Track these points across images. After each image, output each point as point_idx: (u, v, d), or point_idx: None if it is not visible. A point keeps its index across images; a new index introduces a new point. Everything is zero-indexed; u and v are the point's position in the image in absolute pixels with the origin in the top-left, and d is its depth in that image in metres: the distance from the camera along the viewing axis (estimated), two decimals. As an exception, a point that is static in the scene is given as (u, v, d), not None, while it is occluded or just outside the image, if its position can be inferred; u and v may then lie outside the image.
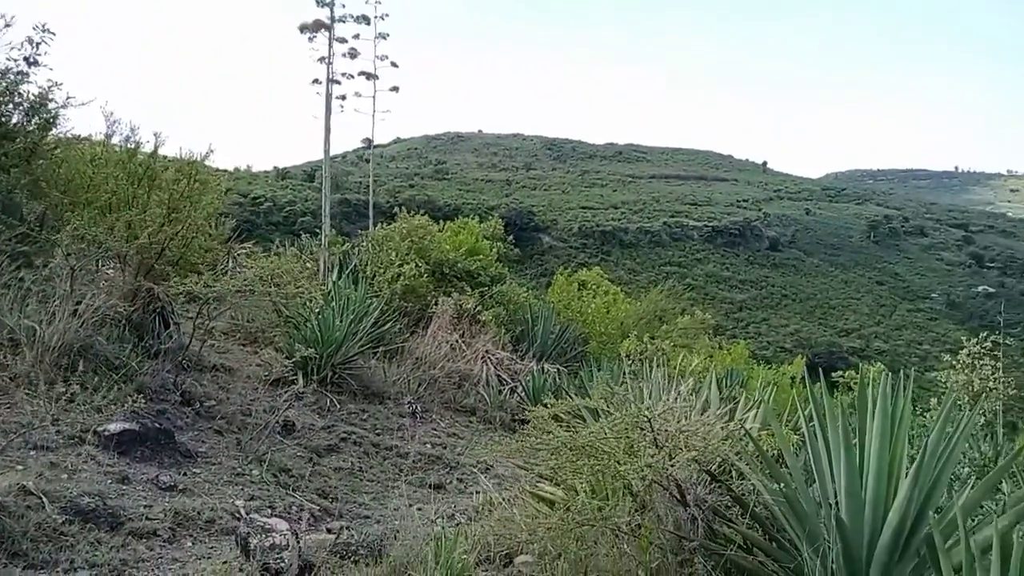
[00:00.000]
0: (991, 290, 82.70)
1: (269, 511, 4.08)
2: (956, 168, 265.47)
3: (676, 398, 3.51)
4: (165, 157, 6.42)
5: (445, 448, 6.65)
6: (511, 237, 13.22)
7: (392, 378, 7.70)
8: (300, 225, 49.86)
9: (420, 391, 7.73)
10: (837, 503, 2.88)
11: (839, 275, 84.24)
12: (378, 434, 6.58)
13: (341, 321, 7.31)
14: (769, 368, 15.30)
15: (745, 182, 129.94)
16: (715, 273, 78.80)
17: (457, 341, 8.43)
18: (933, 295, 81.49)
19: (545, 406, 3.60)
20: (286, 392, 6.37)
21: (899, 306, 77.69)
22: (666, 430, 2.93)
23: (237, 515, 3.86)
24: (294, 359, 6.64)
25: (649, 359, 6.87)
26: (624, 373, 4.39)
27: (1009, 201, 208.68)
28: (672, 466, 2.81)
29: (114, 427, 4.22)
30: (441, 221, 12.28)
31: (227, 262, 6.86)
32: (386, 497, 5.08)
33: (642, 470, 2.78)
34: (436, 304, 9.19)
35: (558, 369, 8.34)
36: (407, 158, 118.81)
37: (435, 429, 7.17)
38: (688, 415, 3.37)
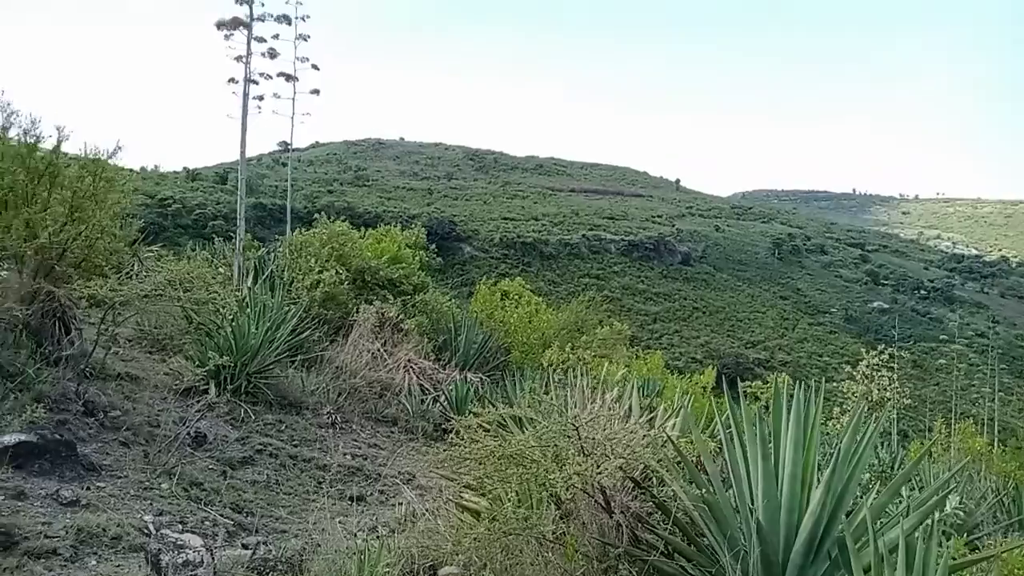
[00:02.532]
0: (885, 306, 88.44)
1: (180, 527, 3.87)
2: (854, 191, 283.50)
3: (602, 406, 3.57)
4: (67, 154, 6.03)
5: (366, 459, 6.51)
6: (433, 246, 13.14)
7: (311, 388, 7.48)
8: (211, 229, 47.97)
9: (340, 401, 7.54)
10: (754, 508, 2.99)
11: (746, 289, 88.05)
12: (296, 445, 6.37)
13: (257, 328, 7.05)
14: (682, 378, 15.78)
15: (660, 198, 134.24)
16: (631, 286, 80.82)
17: (379, 350, 8.29)
18: (832, 310, 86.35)
19: (475, 415, 3.59)
20: (197, 402, 6.09)
21: (801, 320, 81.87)
22: (593, 438, 2.97)
23: (146, 531, 3.65)
24: (206, 368, 6.36)
25: (571, 368, 6.97)
26: (549, 382, 4.43)
27: (901, 223, 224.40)
28: (599, 474, 2.85)
29: (9, 439, 3.92)
30: (361, 228, 12.06)
31: (133, 265, 6.50)
32: (305, 511, 4.92)
33: (570, 478, 2.81)
34: (357, 312, 9.00)
35: (481, 378, 8.33)
36: (326, 163, 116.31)
37: (356, 440, 7.01)
38: (613, 423, 3.44)
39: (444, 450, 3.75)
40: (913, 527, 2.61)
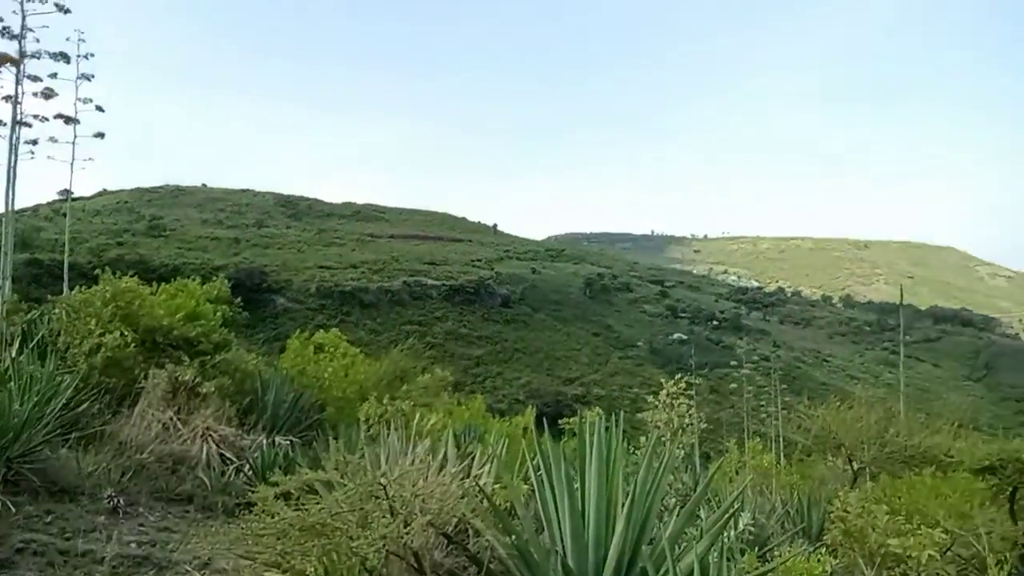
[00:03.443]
0: (684, 337, 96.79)
1: None
2: (652, 232, 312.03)
3: (414, 460, 3.43)
4: None
5: (155, 546, 5.75)
6: (239, 299, 12.26)
7: (88, 469, 6.52)
8: (-30, 290, 41.45)
9: (124, 481, 6.65)
10: (563, 547, 3.00)
11: (562, 329, 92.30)
12: (68, 538, 5.48)
13: (21, 405, 6.09)
14: (504, 420, 15.98)
15: (478, 243, 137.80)
16: (454, 330, 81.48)
17: (172, 419, 7.46)
18: (639, 343, 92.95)
19: (273, 484, 3.29)
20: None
21: (612, 354, 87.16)
22: (402, 496, 2.83)
23: None
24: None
25: (388, 421, 6.73)
26: (361, 439, 4.21)
27: (694, 260, 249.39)
28: (407, 533, 2.71)
29: None
30: (157, 283, 11.01)
31: None
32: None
33: (376, 542, 2.63)
34: (147, 378, 8.08)
35: (291, 441, 7.77)
36: (116, 212, 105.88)
37: (142, 525, 6.18)
38: (426, 476, 3.32)
39: (240, 527, 3.38)
40: (706, 549, 2.74)
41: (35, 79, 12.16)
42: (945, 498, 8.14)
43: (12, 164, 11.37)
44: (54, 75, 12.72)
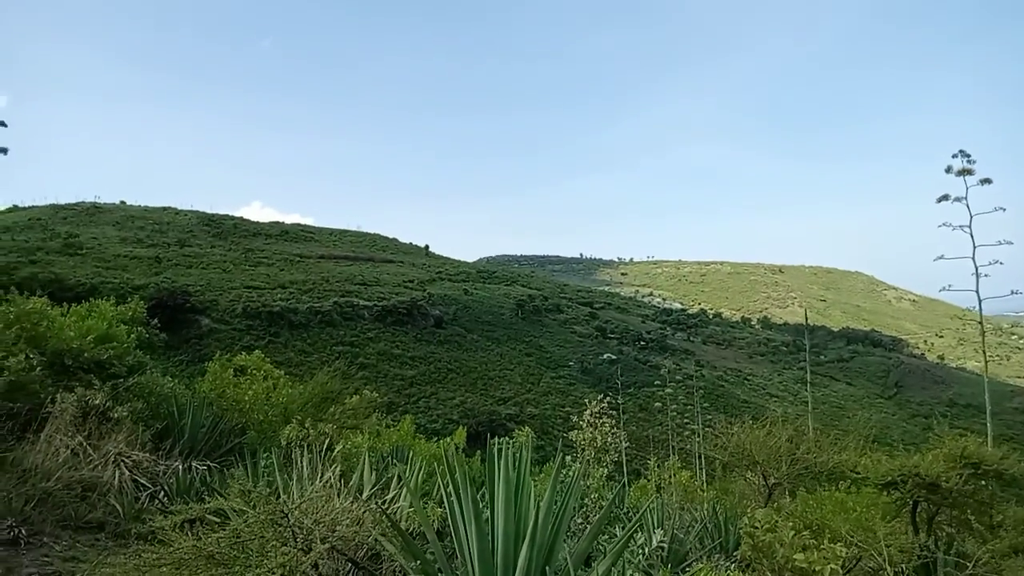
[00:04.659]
0: (613, 357, 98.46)
1: None
2: (581, 255, 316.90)
3: (324, 486, 3.44)
4: None
5: (59, 577, 5.50)
6: (158, 320, 11.85)
7: (-13, 499, 6.19)
8: None
9: (28, 510, 6.33)
10: (473, 570, 3.07)
11: (495, 349, 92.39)
12: (-40, 574, 5.20)
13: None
14: (435, 440, 15.90)
15: (410, 264, 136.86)
16: (386, 351, 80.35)
17: (81, 444, 7.15)
18: (570, 363, 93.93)
19: (172, 514, 3.23)
20: None
21: (544, 374, 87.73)
22: (304, 522, 2.84)
23: None
24: None
25: (310, 445, 6.66)
26: (273, 464, 4.17)
27: (621, 282, 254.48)
28: (306, 561, 2.72)
29: None
30: (75, 302, 10.54)
31: None
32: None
33: (274, 570, 2.63)
34: (54, 402, 7.71)
35: (208, 466, 7.56)
36: (28, 229, 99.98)
37: (47, 556, 5.90)
38: (337, 502, 3.33)
39: (130, 557, 3.30)
40: (607, 568, 2.86)
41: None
42: (850, 513, 8.56)
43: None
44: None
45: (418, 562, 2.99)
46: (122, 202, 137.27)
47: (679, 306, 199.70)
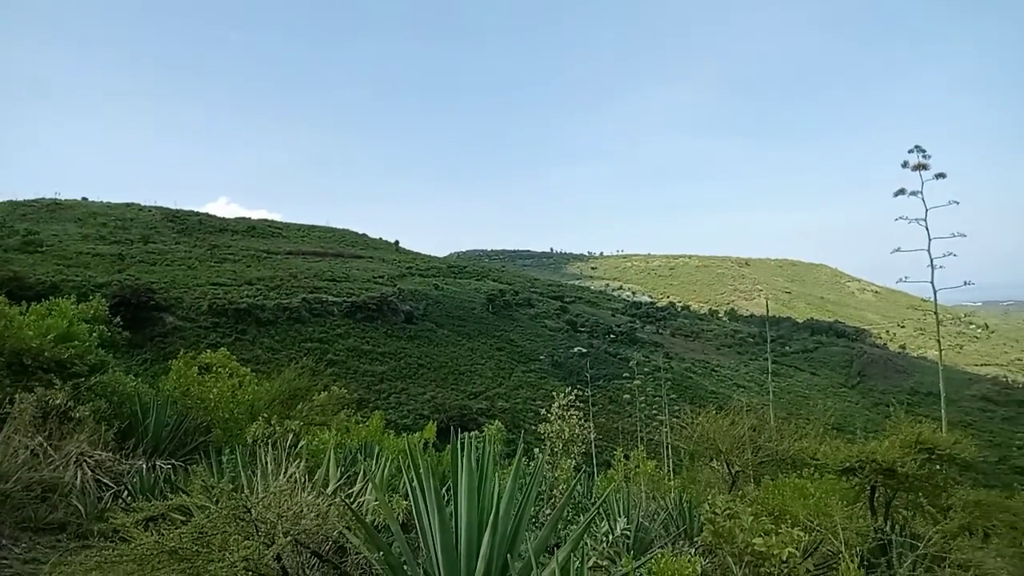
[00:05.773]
0: (584, 350, 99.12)
1: None
2: (552, 249, 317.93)
3: (288, 480, 3.47)
4: None
5: (19, 579, 5.44)
6: (120, 318, 11.65)
7: (-58, 502, 6.08)
8: None
9: (-14, 513, 6.23)
10: (437, 560, 3.13)
11: (466, 343, 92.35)
12: (-85, 578, 5.12)
13: None
14: (406, 435, 15.91)
15: (380, 259, 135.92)
16: (356, 347, 79.82)
17: (41, 444, 7.04)
18: (541, 357, 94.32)
19: (133, 512, 3.24)
20: None
21: (516, 368, 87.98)
22: (266, 517, 2.87)
23: None
24: None
25: (276, 442, 6.66)
26: (237, 461, 4.18)
27: (591, 276, 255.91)
28: (268, 554, 2.75)
29: None
30: (35, 301, 10.32)
31: None
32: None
33: (235, 565, 2.66)
34: (12, 403, 7.58)
35: (173, 465, 7.50)
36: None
37: (6, 558, 5.82)
38: (301, 496, 3.36)
39: (91, 555, 3.29)
40: (567, 554, 2.95)
41: None
42: (809, 498, 8.81)
43: None
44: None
45: (381, 553, 3.04)
46: (84, 198, 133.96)
47: (648, 299, 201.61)
